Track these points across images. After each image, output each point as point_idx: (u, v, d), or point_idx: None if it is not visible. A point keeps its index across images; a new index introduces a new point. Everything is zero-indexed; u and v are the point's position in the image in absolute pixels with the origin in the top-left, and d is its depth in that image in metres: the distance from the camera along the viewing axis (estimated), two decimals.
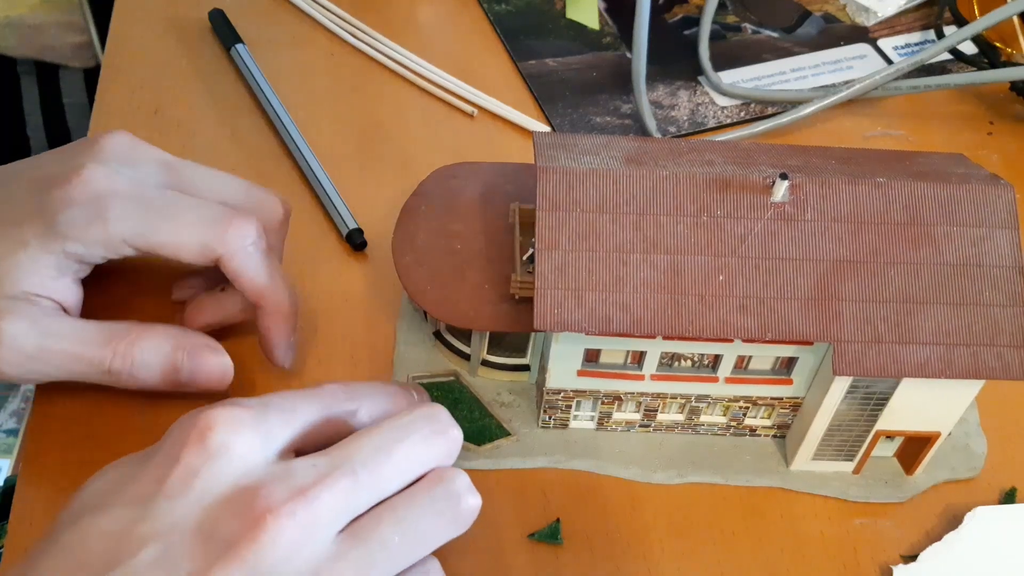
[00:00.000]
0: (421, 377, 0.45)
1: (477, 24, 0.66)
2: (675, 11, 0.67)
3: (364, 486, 0.33)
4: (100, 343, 0.40)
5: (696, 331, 0.38)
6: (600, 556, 0.41)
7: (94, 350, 0.40)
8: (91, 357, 0.40)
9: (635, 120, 0.60)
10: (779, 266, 0.38)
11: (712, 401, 0.43)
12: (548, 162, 0.39)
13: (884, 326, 0.38)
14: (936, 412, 0.41)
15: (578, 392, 0.42)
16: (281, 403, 0.35)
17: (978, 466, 0.45)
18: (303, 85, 0.59)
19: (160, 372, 0.41)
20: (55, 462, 0.42)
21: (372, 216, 0.52)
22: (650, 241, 0.38)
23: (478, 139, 0.58)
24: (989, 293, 0.39)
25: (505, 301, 0.41)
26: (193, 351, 0.41)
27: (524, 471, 0.43)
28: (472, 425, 0.44)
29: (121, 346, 0.40)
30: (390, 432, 0.34)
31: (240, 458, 0.32)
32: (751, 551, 0.41)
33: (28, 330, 0.39)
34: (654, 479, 0.43)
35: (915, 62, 0.60)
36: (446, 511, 0.34)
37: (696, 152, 0.41)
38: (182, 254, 0.41)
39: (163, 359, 0.41)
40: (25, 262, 0.39)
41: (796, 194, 0.39)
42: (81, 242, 0.40)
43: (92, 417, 0.43)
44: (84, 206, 0.39)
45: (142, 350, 0.40)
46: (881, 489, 0.44)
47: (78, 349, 0.40)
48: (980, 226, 0.39)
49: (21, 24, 0.83)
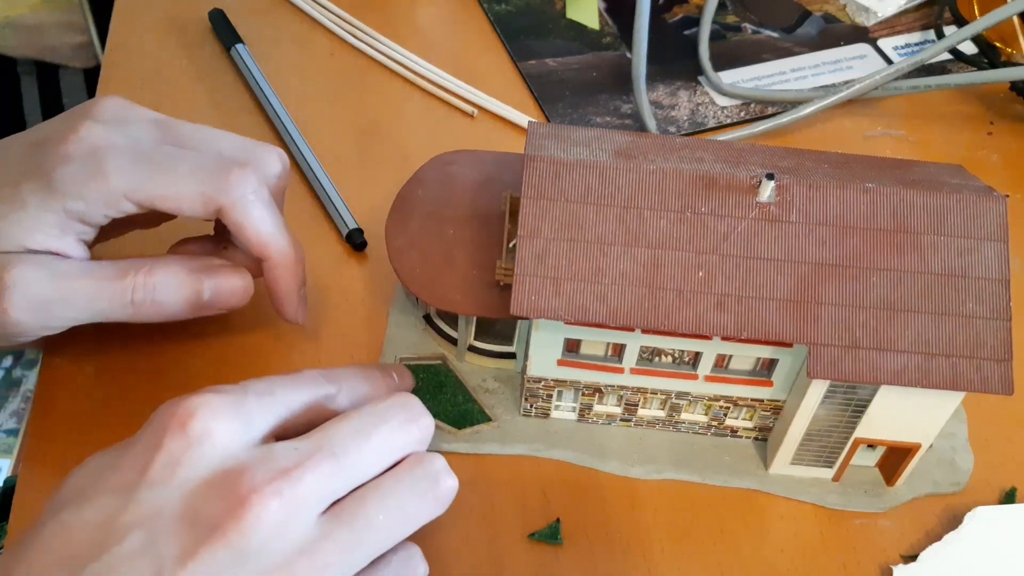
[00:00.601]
0: (409, 359, 0.46)
1: (477, 24, 0.66)
2: (675, 11, 0.67)
3: (345, 468, 0.33)
4: (118, 276, 0.40)
5: (672, 325, 0.38)
6: (600, 556, 0.41)
7: (114, 283, 0.40)
8: (112, 290, 0.39)
9: (635, 120, 0.60)
10: (760, 266, 0.38)
11: (693, 399, 0.43)
12: (537, 151, 0.39)
13: (862, 331, 0.38)
14: (916, 422, 0.41)
15: (559, 382, 0.42)
16: (260, 388, 0.35)
17: (962, 482, 0.44)
18: (303, 85, 0.59)
19: (183, 296, 0.41)
20: (55, 462, 0.42)
21: (372, 216, 0.52)
22: (632, 234, 0.38)
23: (478, 139, 0.58)
24: (973, 305, 0.38)
25: (491, 287, 0.42)
26: (211, 270, 0.42)
27: (520, 464, 0.43)
28: (455, 409, 0.44)
29: (140, 276, 0.40)
30: (368, 418, 0.35)
31: (221, 444, 0.32)
32: (751, 551, 0.41)
33: (40, 274, 0.38)
34: (632, 473, 0.43)
35: (915, 62, 0.60)
36: (427, 492, 0.35)
37: (688, 149, 0.41)
38: (183, 206, 0.40)
39: (184, 282, 0.41)
40: (25, 220, 0.39)
41: (782, 195, 0.38)
42: (81, 199, 0.39)
43: (92, 417, 0.43)
44: (82, 161, 0.39)
45: (162, 276, 0.40)
46: (860, 498, 0.43)
47: (97, 284, 0.39)
48: (968, 237, 0.39)
49: (21, 24, 0.83)
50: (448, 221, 0.44)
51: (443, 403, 0.44)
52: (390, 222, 0.45)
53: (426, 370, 0.46)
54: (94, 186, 0.39)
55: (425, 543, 0.41)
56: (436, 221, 0.44)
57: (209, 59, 0.60)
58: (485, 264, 0.42)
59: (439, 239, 0.44)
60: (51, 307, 0.39)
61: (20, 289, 0.38)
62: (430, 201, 0.45)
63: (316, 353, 0.47)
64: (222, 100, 0.58)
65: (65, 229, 0.39)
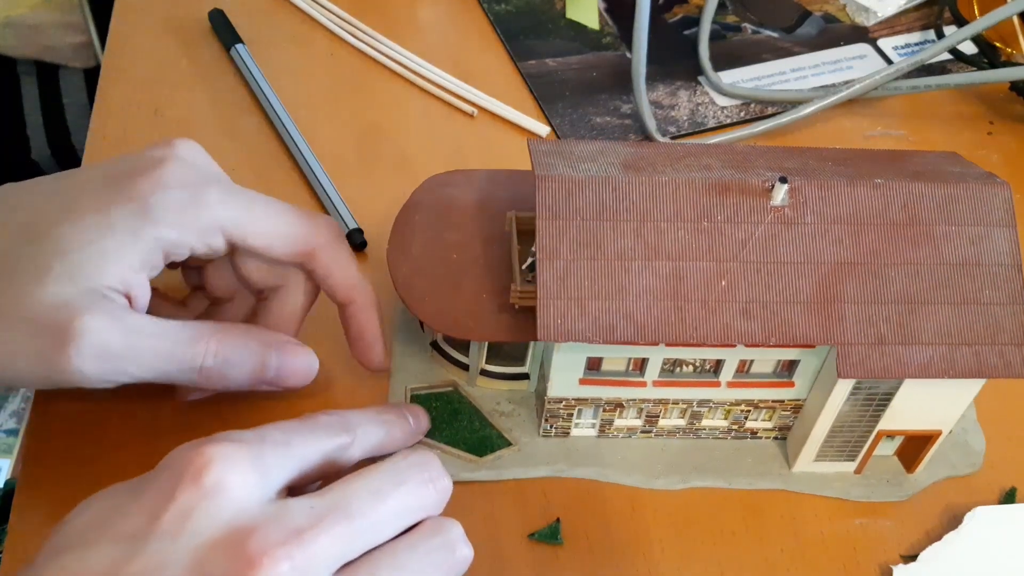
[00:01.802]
0: (419, 389, 0.45)
1: (477, 24, 0.66)
2: (675, 11, 0.67)
3: (360, 532, 0.32)
4: (191, 341, 0.38)
5: (700, 337, 0.38)
6: (600, 556, 0.41)
7: (184, 348, 0.37)
8: (182, 355, 0.37)
9: (635, 120, 0.60)
10: (781, 270, 0.38)
11: (714, 405, 0.43)
12: (546, 170, 0.38)
13: (887, 327, 0.38)
14: (938, 411, 0.41)
15: (580, 400, 0.42)
16: (277, 437, 0.34)
17: (977, 462, 0.45)
18: (303, 85, 0.59)
19: (250, 370, 0.39)
20: (55, 462, 0.42)
21: (372, 216, 0.52)
22: (651, 247, 0.38)
23: (478, 139, 0.58)
24: (989, 292, 0.39)
25: (505, 311, 0.41)
26: (281, 348, 0.40)
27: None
28: (473, 436, 0.44)
29: (212, 344, 0.38)
30: (385, 476, 0.34)
31: (236, 498, 0.31)
32: (751, 551, 0.42)
33: (111, 327, 0.36)
34: (656, 485, 0.43)
35: (915, 62, 0.60)
36: (442, 562, 0.34)
37: (693, 156, 0.41)
38: (274, 245, 0.39)
39: (253, 357, 0.39)
40: (111, 250, 0.36)
41: (795, 197, 0.39)
42: (177, 227, 0.37)
43: (92, 417, 0.43)
44: (181, 189, 0.37)
45: (233, 347, 0.39)
46: (883, 488, 0.44)
47: (169, 347, 0.37)
48: (978, 225, 0.39)
49: (21, 24, 0.83)
50: (451, 246, 0.43)
51: (460, 431, 0.44)
52: (391, 250, 0.43)
53: (438, 398, 0.45)
54: (193, 214, 0.37)
55: None
56: (439, 246, 0.43)
57: (209, 59, 0.60)
58: (495, 288, 0.42)
59: (444, 264, 0.43)
60: (117, 362, 0.36)
61: (89, 339, 0.35)
62: (429, 226, 0.44)
63: (317, 351, 0.46)
64: (222, 100, 0.58)
65: (145, 263, 0.37)
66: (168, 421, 0.43)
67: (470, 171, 0.47)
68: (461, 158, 0.56)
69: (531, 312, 0.38)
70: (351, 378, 0.46)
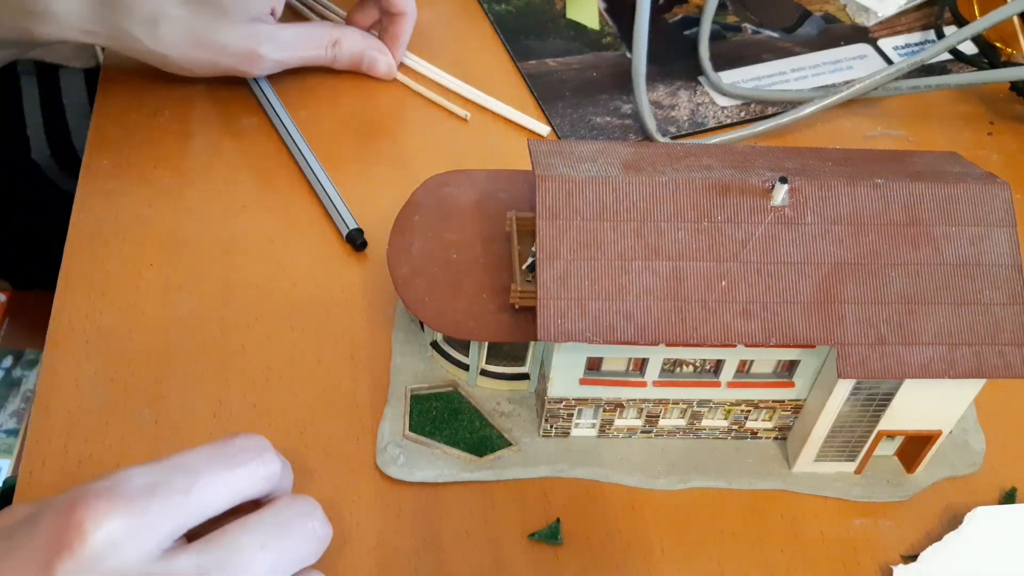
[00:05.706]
0: (419, 389, 0.45)
1: (477, 24, 0.66)
2: (675, 11, 0.67)
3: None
4: (321, 46, 0.58)
5: (700, 338, 0.38)
6: (600, 556, 0.41)
7: (318, 51, 0.58)
8: (315, 56, 0.58)
9: (635, 120, 0.60)
10: (781, 270, 0.38)
11: (714, 406, 0.43)
12: (546, 171, 0.38)
13: (887, 328, 0.38)
14: (938, 411, 0.41)
15: (580, 400, 0.42)
16: (178, 484, 0.33)
17: (977, 462, 0.45)
18: (303, 85, 0.59)
19: (350, 61, 0.59)
20: (55, 462, 0.42)
21: (372, 216, 0.52)
22: (651, 248, 0.38)
23: (478, 139, 0.58)
24: (989, 292, 0.39)
25: (505, 311, 0.41)
26: (378, 50, 0.59)
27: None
28: (473, 436, 0.44)
29: (335, 34, 0.58)
30: (269, 529, 0.34)
31: (116, 560, 0.31)
32: (751, 551, 0.42)
33: (276, 50, 0.56)
34: (657, 485, 0.43)
35: (915, 62, 0.60)
36: None
37: (693, 156, 0.41)
38: None
39: (359, 51, 0.59)
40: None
41: (795, 197, 0.38)
42: None
43: (92, 417, 0.43)
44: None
45: (346, 42, 0.58)
46: (883, 488, 0.44)
47: (309, 53, 0.58)
48: (978, 225, 0.39)
49: None
50: (451, 246, 0.43)
51: (460, 431, 0.44)
52: (391, 250, 0.44)
53: (438, 398, 0.45)
54: None
55: (425, 542, 0.41)
56: (438, 246, 0.43)
57: None
58: (495, 287, 0.42)
59: (444, 265, 0.43)
60: (282, 59, 0.57)
61: (263, 63, 0.56)
62: (429, 226, 0.44)
63: (318, 351, 0.47)
64: (222, 100, 0.58)
65: None
66: (168, 423, 0.43)
67: (470, 171, 0.47)
68: (461, 158, 0.56)
69: (531, 312, 0.38)
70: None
